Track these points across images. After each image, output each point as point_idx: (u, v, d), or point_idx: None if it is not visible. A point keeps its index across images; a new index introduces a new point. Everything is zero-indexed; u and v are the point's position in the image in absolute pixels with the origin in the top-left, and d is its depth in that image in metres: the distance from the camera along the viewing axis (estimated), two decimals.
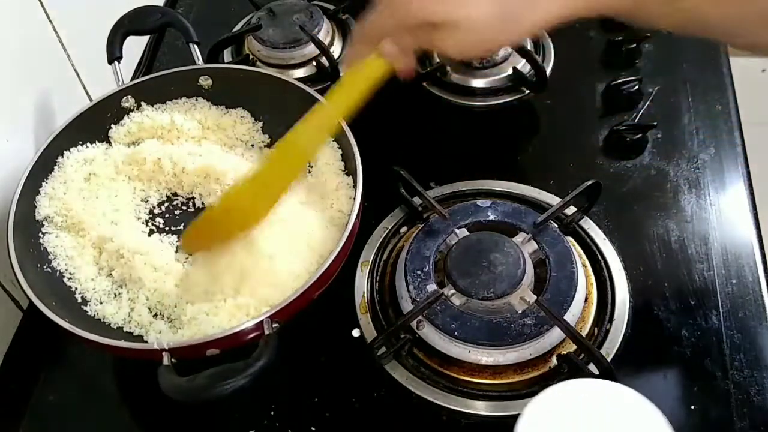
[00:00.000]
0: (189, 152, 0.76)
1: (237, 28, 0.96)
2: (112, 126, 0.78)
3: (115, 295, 0.68)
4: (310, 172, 0.76)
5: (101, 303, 0.67)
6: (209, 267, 0.66)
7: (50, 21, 0.78)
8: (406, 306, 0.67)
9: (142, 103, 0.79)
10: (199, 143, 0.78)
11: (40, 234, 0.69)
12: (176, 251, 0.71)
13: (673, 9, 0.52)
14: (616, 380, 0.59)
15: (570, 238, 0.71)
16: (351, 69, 0.57)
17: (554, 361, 0.64)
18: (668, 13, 0.52)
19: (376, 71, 0.56)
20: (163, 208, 0.76)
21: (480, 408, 0.62)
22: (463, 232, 0.70)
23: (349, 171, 0.72)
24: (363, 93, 0.57)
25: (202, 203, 0.75)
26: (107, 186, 0.75)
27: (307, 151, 0.62)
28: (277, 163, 0.62)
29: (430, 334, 0.65)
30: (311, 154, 0.68)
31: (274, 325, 0.58)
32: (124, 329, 0.66)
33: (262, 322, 0.57)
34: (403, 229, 0.75)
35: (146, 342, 0.64)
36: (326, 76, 0.89)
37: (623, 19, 0.56)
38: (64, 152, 0.74)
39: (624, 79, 0.84)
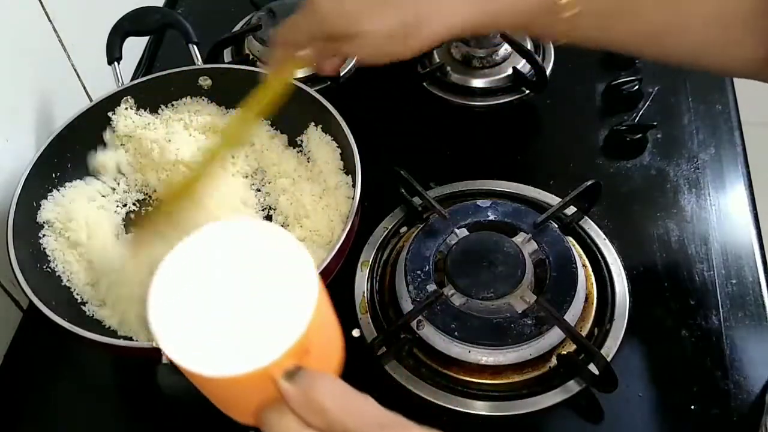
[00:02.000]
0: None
1: (237, 28, 0.96)
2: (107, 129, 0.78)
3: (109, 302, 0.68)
4: (310, 170, 0.76)
5: (98, 306, 0.67)
6: None
7: (50, 21, 0.78)
8: (406, 306, 0.67)
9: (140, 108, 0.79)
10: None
11: (40, 235, 0.69)
12: None
13: (556, 21, 0.54)
14: (616, 381, 0.59)
15: (570, 238, 0.71)
16: (271, 74, 0.62)
17: (554, 361, 0.64)
18: (552, 24, 0.55)
19: (290, 75, 0.63)
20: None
21: (480, 408, 0.62)
22: (463, 232, 0.70)
23: (349, 170, 0.72)
24: (281, 93, 0.62)
25: None
26: (108, 208, 0.75)
27: (234, 143, 0.70)
28: (204, 160, 0.66)
29: (430, 334, 0.65)
30: (239, 144, 0.76)
31: None
32: (119, 333, 0.66)
33: None
34: (403, 229, 0.75)
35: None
36: (326, 76, 0.89)
37: (520, 34, 0.58)
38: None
39: (624, 79, 0.84)
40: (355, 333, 0.68)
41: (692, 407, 0.61)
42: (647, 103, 0.84)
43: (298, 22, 0.58)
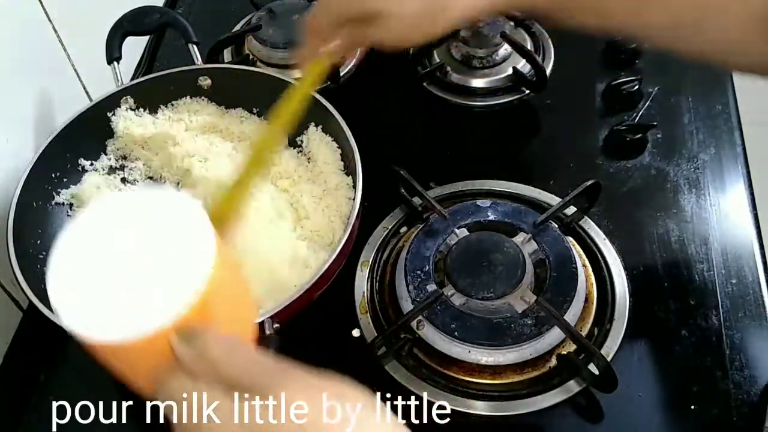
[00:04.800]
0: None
1: (237, 28, 0.96)
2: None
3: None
4: (310, 171, 0.76)
5: None
6: None
7: (50, 21, 0.78)
8: (406, 306, 0.67)
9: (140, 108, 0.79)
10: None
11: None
12: None
13: (585, 4, 0.56)
14: (616, 381, 0.59)
15: (570, 238, 0.71)
16: (302, 74, 0.64)
17: (554, 361, 0.64)
18: (582, 8, 0.56)
19: (319, 71, 0.64)
20: None
21: (480, 408, 0.62)
22: (463, 232, 0.70)
23: (349, 171, 0.72)
24: (310, 93, 0.65)
25: None
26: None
27: (270, 153, 0.66)
28: (245, 172, 0.61)
29: (430, 334, 0.65)
30: (273, 155, 0.71)
31: (275, 325, 0.58)
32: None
33: (262, 322, 0.57)
34: (403, 229, 0.75)
35: None
36: (326, 75, 0.89)
37: (543, 17, 0.60)
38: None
39: (624, 79, 0.84)
40: (355, 333, 0.68)
41: (692, 407, 0.61)
42: (647, 103, 0.84)
43: (329, 4, 0.59)
